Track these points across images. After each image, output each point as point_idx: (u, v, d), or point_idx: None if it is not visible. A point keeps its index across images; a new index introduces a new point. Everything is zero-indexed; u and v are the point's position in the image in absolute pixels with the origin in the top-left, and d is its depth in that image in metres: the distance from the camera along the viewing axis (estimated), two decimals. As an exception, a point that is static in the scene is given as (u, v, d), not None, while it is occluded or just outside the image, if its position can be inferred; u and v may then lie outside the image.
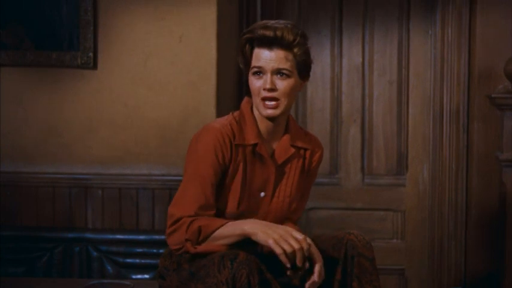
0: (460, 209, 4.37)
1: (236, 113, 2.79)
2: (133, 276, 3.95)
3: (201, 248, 2.60)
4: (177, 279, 2.70)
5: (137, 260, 3.97)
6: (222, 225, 2.58)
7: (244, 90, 4.17)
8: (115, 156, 4.07)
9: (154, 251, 3.93)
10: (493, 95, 4.22)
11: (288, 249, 2.48)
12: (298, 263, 2.49)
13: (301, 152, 2.83)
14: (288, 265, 2.50)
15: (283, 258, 2.48)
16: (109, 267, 3.98)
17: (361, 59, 4.50)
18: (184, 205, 2.64)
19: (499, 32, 4.27)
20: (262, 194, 2.76)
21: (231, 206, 2.71)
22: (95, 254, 3.98)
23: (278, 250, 2.47)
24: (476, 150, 4.35)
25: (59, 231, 4.03)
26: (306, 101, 4.52)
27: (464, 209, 4.37)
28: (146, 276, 3.95)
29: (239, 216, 2.71)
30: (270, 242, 2.48)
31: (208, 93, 4.03)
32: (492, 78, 4.28)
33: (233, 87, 4.27)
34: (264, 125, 2.75)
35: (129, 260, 3.98)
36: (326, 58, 4.50)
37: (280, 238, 2.49)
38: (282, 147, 2.78)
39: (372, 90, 4.50)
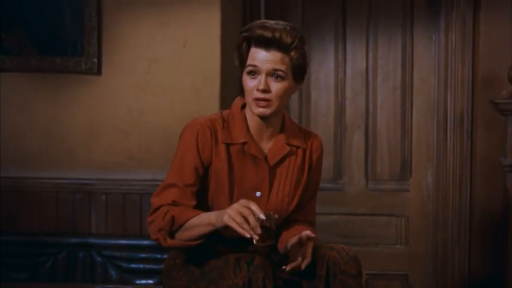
0: (463, 214, 4.37)
1: (226, 112, 2.78)
2: (137, 282, 3.95)
3: (173, 242, 2.61)
4: (186, 278, 2.70)
5: (141, 265, 3.97)
6: (195, 216, 2.58)
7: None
8: (119, 161, 4.07)
9: (158, 256, 3.93)
10: (496, 101, 4.22)
11: (239, 219, 2.43)
12: (254, 229, 2.43)
13: (299, 150, 2.80)
14: (247, 235, 2.43)
15: (239, 230, 2.44)
16: (113, 273, 3.98)
17: (365, 65, 4.50)
18: (163, 195, 2.67)
19: (503, 37, 4.28)
20: (258, 193, 2.74)
21: (223, 202, 2.70)
22: (99, 259, 3.98)
23: (232, 224, 2.44)
24: (480, 156, 4.35)
25: (63, 236, 4.03)
26: (310, 106, 4.52)
27: (468, 215, 4.37)
28: (150, 281, 3.95)
29: None
30: (225, 219, 2.46)
31: (212, 98, 4.03)
32: (496, 83, 4.29)
33: (237, 92, 4.26)
34: (254, 124, 2.73)
35: (132, 265, 3.98)
36: (330, 64, 4.50)
37: (233, 212, 2.45)
38: (276, 147, 2.75)
39: (375, 96, 4.50)
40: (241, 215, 2.45)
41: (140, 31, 4.03)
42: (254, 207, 2.46)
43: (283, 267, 2.61)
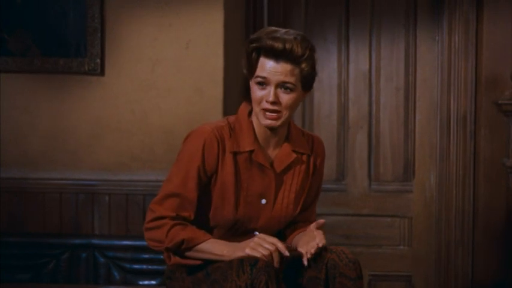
0: (467, 215, 4.37)
1: (232, 118, 2.76)
2: (140, 282, 3.96)
3: (176, 260, 2.70)
4: (189, 280, 2.71)
5: (144, 266, 3.98)
6: (204, 241, 2.63)
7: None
8: (122, 162, 4.08)
9: (161, 257, 3.90)
10: (499, 101, 4.23)
11: (265, 252, 2.54)
12: (276, 264, 2.55)
13: (304, 157, 2.79)
14: None
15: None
16: (116, 273, 3.98)
17: (368, 66, 4.50)
18: (166, 203, 2.67)
19: (506, 38, 4.28)
20: (264, 201, 2.74)
21: (228, 211, 2.70)
22: (102, 260, 3.99)
23: (257, 254, 2.54)
24: (483, 157, 4.35)
25: (66, 237, 4.04)
26: (313, 107, 4.52)
27: (471, 216, 4.37)
28: (153, 282, 3.95)
29: (238, 221, 2.72)
30: (248, 251, 2.55)
31: (216, 99, 4.03)
32: (499, 84, 4.29)
33: (240, 93, 4.27)
34: (262, 132, 2.72)
35: (136, 266, 3.98)
36: (333, 65, 4.50)
37: (256, 245, 2.56)
38: (282, 154, 2.74)
39: (378, 97, 4.50)
40: (264, 248, 2.55)
41: (143, 32, 4.04)
42: (280, 244, 2.56)
43: (304, 264, 2.62)
